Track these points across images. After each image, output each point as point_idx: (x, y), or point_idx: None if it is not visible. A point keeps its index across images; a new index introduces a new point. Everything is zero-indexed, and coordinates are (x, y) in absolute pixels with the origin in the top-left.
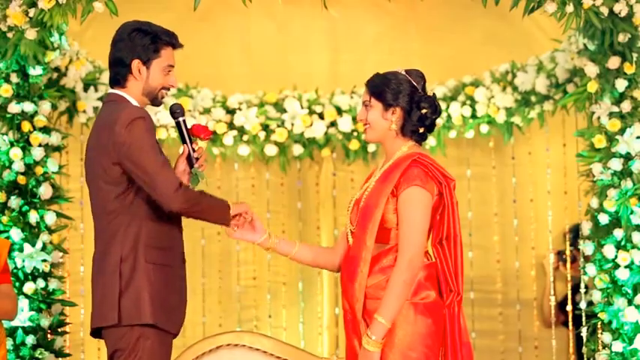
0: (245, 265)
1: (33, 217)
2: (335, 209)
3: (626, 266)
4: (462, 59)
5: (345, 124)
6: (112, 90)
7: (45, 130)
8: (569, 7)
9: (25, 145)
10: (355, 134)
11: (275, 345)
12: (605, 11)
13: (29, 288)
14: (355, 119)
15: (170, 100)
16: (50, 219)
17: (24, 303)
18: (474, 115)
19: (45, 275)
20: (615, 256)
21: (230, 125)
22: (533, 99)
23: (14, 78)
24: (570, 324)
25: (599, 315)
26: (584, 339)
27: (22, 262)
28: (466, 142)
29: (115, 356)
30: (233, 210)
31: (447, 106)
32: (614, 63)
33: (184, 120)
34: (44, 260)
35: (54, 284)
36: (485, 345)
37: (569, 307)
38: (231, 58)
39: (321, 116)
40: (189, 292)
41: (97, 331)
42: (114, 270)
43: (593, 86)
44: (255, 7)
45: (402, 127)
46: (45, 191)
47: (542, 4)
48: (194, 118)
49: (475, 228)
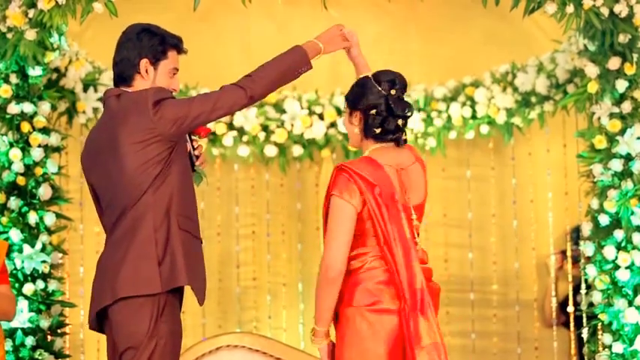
0: (245, 266)
1: (32, 218)
2: None
3: (627, 267)
4: (462, 60)
5: None
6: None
7: (44, 131)
8: (569, 8)
9: (25, 146)
10: None
11: (275, 346)
12: (606, 12)
13: (29, 289)
14: None
15: None
16: (50, 220)
17: (23, 304)
18: (474, 116)
19: (44, 276)
20: (616, 257)
21: (230, 126)
22: (533, 99)
23: (14, 78)
24: (572, 325)
25: (599, 316)
26: (584, 340)
27: (22, 263)
28: (466, 143)
29: (133, 325)
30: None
31: (447, 107)
32: (614, 64)
33: None
34: (44, 261)
35: (53, 285)
36: (485, 346)
37: (570, 308)
38: (231, 58)
39: (321, 117)
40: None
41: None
42: (149, 240)
43: (593, 87)
44: (255, 8)
45: (363, 130)
46: (44, 192)
47: (543, 4)
48: None
49: (475, 229)
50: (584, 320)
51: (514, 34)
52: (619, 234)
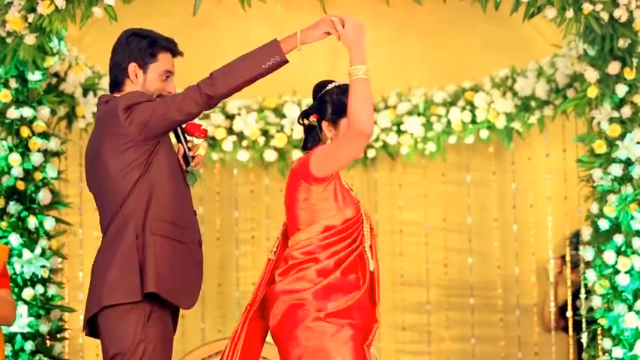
0: (244, 271)
1: (32, 222)
2: None
3: (627, 272)
4: (461, 64)
5: None
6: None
7: (44, 136)
8: (569, 13)
9: (24, 151)
10: None
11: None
12: (606, 17)
13: (28, 294)
14: None
15: None
16: (49, 224)
17: (23, 309)
18: (473, 121)
19: (44, 281)
20: (615, 262)
21: (229, 131)
22: (533, 104)
23: (13, 83)
24: (570, 330)
25: (599, 321)
26: (584, 345)
27: (21, 267)
28: (466, 148)
29: (119, 331)
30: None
31: (447, 112)
32: (614, 68)
33: None
34: (43, 266)
35: (53, 290)
36: (485, 351)
37: (568, 313)
38: None
39: None
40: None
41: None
42: (130, 247)
43: (593, 91)
44: (254, 12)
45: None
46: (44, 197)
47: (542, 9)
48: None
49: (475, 233)
50: (583, 325)
51: (514, 38)
52: (619, 239)
